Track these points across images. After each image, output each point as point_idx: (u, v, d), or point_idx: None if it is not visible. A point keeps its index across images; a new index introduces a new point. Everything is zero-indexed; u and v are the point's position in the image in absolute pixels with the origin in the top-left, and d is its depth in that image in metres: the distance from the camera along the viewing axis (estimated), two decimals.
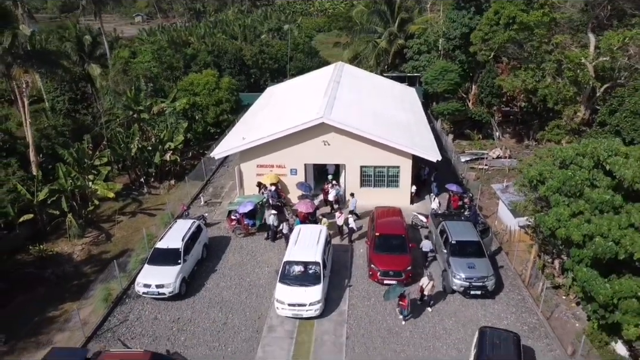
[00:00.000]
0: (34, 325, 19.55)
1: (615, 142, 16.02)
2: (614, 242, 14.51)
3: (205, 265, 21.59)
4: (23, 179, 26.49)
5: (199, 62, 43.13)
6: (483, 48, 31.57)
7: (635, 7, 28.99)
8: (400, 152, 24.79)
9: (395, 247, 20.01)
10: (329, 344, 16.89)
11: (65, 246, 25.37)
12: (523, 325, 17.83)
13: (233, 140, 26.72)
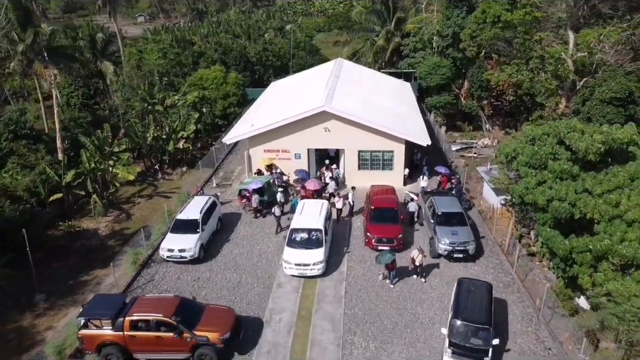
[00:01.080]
0: (69, 287, 22.38)
1: (574, 121, 18.87)
2: (571, 204, 17.34)
3: (219, 236, 24.42)
4: (51, 163, 29.33)
5: (207, 59, 45.97)
6: (471, 44, 34.44)
7: (610, 7, 31.81)
8: (395, 137, 27.63)
9: (388, 218, 22.85)
10: (330, 297, 19.71)
11: (90, 223, 28.18)
12: (499, 282, 20.64)
13: (242, 128, 29.58)
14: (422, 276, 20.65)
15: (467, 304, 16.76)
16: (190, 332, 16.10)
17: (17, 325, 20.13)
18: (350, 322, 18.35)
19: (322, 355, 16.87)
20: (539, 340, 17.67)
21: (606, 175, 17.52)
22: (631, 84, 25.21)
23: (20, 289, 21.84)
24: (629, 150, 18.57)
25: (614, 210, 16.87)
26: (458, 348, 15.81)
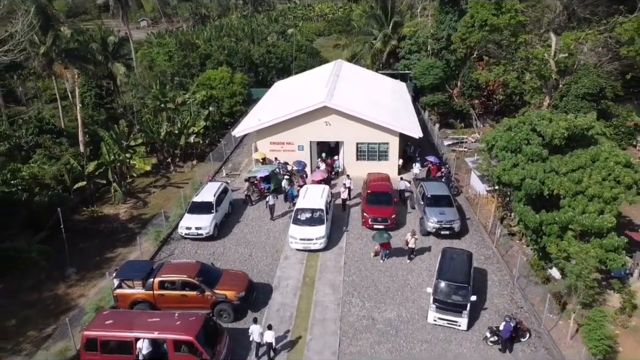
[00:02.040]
0: (96, 262, 25.14)
1: (545, 112, 21.68)
2: (540, 182, 20.15)
3: (231, 218, 27.21)
4: (74, 155, 32.12)
5: (213, 61, 48.88)
6: (461, 47, 37.31)
7: (588, 12, 34.71)
8: (389, 130, 30.47)
9: (382, 201, 25.65)
10: (330, 267, 22.46)
11: (111, 209, 30.94)
12: (480, 255, 23.41)
13: (250, 122, 32.43)
14: (409, 257, 23.14)
15: (449, 267, 19.50)
16: (211, 291, 18.84)
17: (52, 293, 22.85)
18: (348, 287, 21.11)
19: (324, 312, 19.60)
20: (513, 301, 20.42)
21: (571, 157, 20.33)
22: (602, 81, 28.05)
23: (53, 264, 24.55)
24: (591, 136, 21.41)
25: (576, 187, 19.67)
26: (441, 304, 18.52)
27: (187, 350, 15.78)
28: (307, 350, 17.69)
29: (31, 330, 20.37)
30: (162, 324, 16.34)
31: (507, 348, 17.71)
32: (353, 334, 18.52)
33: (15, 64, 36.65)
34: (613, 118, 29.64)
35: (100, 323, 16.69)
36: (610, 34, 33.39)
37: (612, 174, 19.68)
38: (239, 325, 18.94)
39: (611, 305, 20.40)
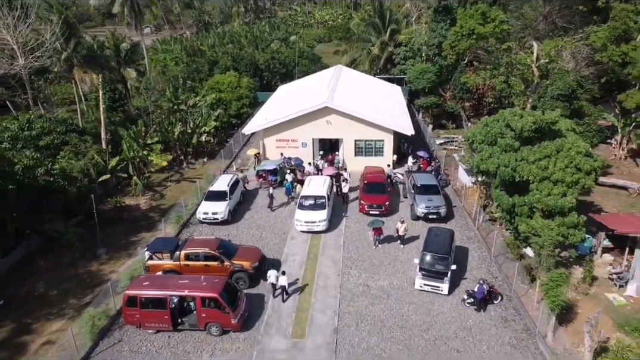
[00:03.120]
0: (123, 245, 28.51)
1: (517, 110, 25.18)
2: (512, 169, 23.61)
3: (242, 206, 30.68)
4: (97, 151, 35.56)
5: (221, 66, 52.51)
6: (451, 53, 40.94)
7: (566, 22, 38.43)
8: (385, 129, 33.99)
9: (377, 190, 29.12)
10: (331, 246, 25.89)
11: (132, 200, 34.35)
12: (464, 236, 26.84)
13: (258, 121, 35.97)
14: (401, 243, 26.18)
15: (433, 242, 22.91)
16: (229, 262, 22.25)
17: (87, 270, 26.20)
18: (347, 261, 24.53)
19: (326, 281, 23.00)
20: (490, 273, 23.82)
21: (538, 148, 23.78)
22: (573, 83, 31.58)
23: (85, 245, 27.93)
24: (558, 130, 24.91)
25: (543, 173, 23.10)
26: (426, 272, 21.91)
27: (212, 306, 19.14)
28: (312, 310, 21.07)
29: (71, 299, 23.71)
30: (190, 285, 19.74)
31: (481, 308, 21.08)
32: (351, 297, 21.91)
33: (44, 68, 40.24)
34: (585, 117, 33.07)
35: (138, 284, 20.10)
36: (585, 41, 37.16)
37: (574, 162, 23.09)
38: (253, 290, 22.32)
39: (575, 277, 23.82)
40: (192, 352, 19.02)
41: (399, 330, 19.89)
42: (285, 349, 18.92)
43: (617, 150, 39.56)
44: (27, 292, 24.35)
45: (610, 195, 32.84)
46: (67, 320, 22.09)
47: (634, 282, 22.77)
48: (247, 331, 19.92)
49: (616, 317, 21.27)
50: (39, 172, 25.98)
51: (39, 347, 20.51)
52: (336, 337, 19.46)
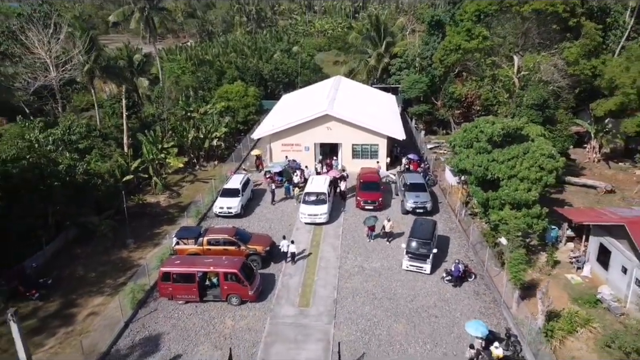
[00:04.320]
0: (148, 236, 32.79)
1: (490, 117, 29.60)
2: (485, 168, 28.01)
3: (252, 202, 35.04)
4: (121, 154, 39.93)
5: (228, 77, 57.06)
6: (440, 66, 45.50)
7: (542, 38, 43.01)
8: (379, 134, 38.43)
9: (372, 188, 33.51)
10: (331, 235, 30.22)
11: (152, 198, 38.65)
12: (446, 227, 31.17)
13: (265, 127, 40.44)
14: (388, 240, 30.12)
15: (418, 230, 27.25)
16: (245, 246, 26.58)
17: (118, 256, 30.44)
18: (345, 247, 28.86)
19: (327, 263, 27.32)
20: (467, 257, 28.12)
21: (508, 150, 28.20)
22: (545, 94, 36.05)
23: (115, 236, 32.17)
24: (526, 134, 29.35)
25: (511, 172, 27.52)
26: (412, 255, 26.21)
27: (233, 279, 23.42)
28: (315, 286, 25.36)
29: (108, 280, 27.95)
30: (214, 263, 24.06)
31: (457, 284, 25.36)
32: (348, 276, 26.22)
33: (72, 79, 44.70)
34: (557, 124, 37.45)
35: (171, 263, 24.42)
36: (560, 56, 41.74)
37: (538, 162, 27.51)
38: (265, 271, 26.62)
39: (541, 261, 28.14)
40: (216, 318, 23.29)
41: (387, 302, 24.17)
42: (293, 315, 23.20)
43: (591, 154, 44.08)
44: (69, 274, 28.59)
45: (580, 193, 37.24)
46: (106, 297, 26.32)
47: (588, 264, 27.10)
48: (261, 302, 24.19)
49: (572, 293, 25.52)
50: (78, 171, 30.31)
51: (85, 317, 24.71)
52: (335, 307, 23.73)
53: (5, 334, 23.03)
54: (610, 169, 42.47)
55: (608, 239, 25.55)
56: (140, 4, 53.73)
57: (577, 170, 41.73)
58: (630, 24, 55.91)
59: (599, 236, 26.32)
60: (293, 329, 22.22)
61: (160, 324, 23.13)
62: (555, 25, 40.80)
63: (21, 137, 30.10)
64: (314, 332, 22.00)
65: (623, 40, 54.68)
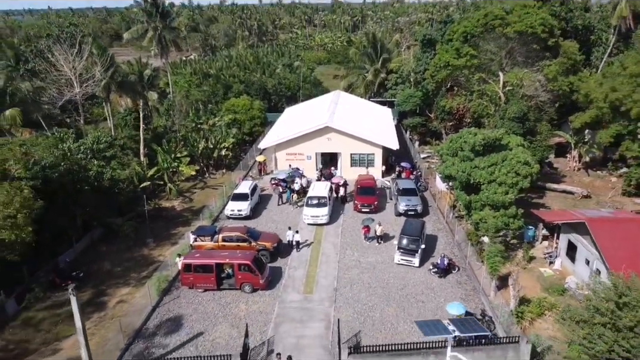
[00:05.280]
0: (166, 236, 36.60)
1: (473, 129, 33.63)
2: (467, 174, 31.94)
3: (260, 206, 38.91)
4: (138, 163, 43.86)
5: (234, 91, 61.25)
6: (431, 81, 49.70)
7: (524, 57, 47.28)
8: (375, 144, 42.44)
9: (368, 192, 37.42)
10: (332, 234, 34.05)
11: (167, 203, 42.52)
12: (435, 227, 35.02)
13: (271, 138, 44.47)
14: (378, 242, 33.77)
15: (408, 228, 31.07)
16: (255, 242, 30.39)
17: (140, 254, 34.20)
18: (344, 245, 32.67)
19: (328, 258, 31.12)
20: (452, 253, 31.92)
21: (488, 158, 32.17)
22: (524, 107, 40.13)
23: (136, 236, 35.93)
24: (507, 144, 33.33)
25: (490, 177, 31.44)
26: (402, 250, 30.00)
27: (246, 270, 27.18)
28: (318, 277, 29.13)
29: (132, 273, 31.69)
30: (230, 256, 27.86)
31: (442, 275, 29.12)
32: (346, 268, 30.00)
33: (93, 94, 48.78)
34: (537, 135, 41.45)
35: (192, 256, 28.22)
36: (541, 73, 45.99)
37: (514, 169, 31.45)
38: (273, 264, 30.39)
39: (518, 256, 31.93)
40: (232, 303, 27.02)
41: (381, 290, 27.93)
42: (298, 300, 26.96)
43: (572, 163, 48.11)
44: (97, 269, 32.33)
45: (559, 198, 41.15)
46: (131, 288, 30.05)
47: (559, 259, 30.93)
48: (271, 290, 27.95)
49: (544, 283, 29.28)
50: (105, 177, 34.21)
51: (115, 304, 28.44)
52: (335, 293, 27.49)
53: (47, 317, 26.98)
54: (589, 176, 46.46)
55: (575, 236, 29.43)
56: (153, 23, 57.97)
57: (558, 178, 45.77)
58: (612, 41, 60.61)
59: (568, 234, 30.20)
60: (299, 312, 25.96)
61: (183, 308, 26.85)
62: (536, 45, 45.03)
63: (55, 146, 33.93)
64: (317, 314, 25.75)
65: (606, 57, 59.27)
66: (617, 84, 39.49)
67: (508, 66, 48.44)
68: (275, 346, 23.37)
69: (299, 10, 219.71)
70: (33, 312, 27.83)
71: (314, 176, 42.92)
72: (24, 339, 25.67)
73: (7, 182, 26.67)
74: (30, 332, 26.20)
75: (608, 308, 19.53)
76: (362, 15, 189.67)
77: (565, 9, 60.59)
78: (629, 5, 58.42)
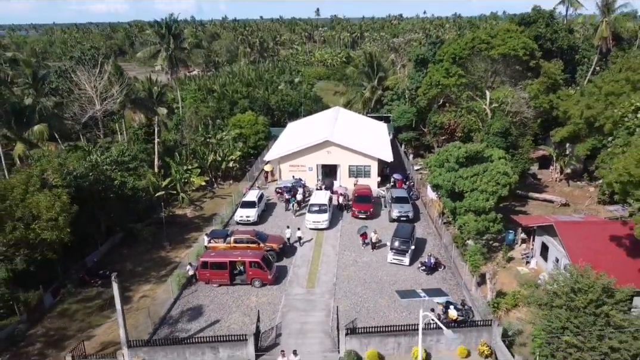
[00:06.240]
0: (180, 240, 40.67)
1: (457, 143, 37.94)
2: (452, 183, 36.16)
3: (266, 213, 43.06)
4: (153, 174, 48.05)
5: (240, 107, 65.76)
6: (423, 99, 54.22)
7: (508, 77, 51.86)
8: (371, 157, 46.75)
9: (364, 200, 41.61)
10: (331, 237, 38.16)
11: (179, 211, 46.64)
12: (425, 232, 39.13)
13: (276, 151, 48.78)
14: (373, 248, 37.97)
15: (400, 231, 35.18)
16: (264, 244, 34.47)
17: (158, 255, 38.22)
18: (342, 247, 36.75)
19: (328, 258, 35.17)
20: (439, 253, 35.97)
21: (471, 168, 36.40)
22: (507, 123, 44.48)
23: (154, 240, 39.95)
24: (489, 156, 37.59)
25: (473, 185, 35.65)
26: (394, 250, 34.07)
27: (256, 267, 31.20)
28: (319, 274, 33.16)
29: (152, 272, 35.70)
30: (242, 254, 31.92)
31: (429, 273, 33.14)
32: (344, 267, 34.04)
33: (112, 111, 53.29)
34: (519, 148, 45.73)
35: (208, 255, 32.29)
36: (524, 91, 50.50)
37: (494, 178, 35.67)
38: (280, 263, 34.40)
39: (498, 257, 35.98)
40: (244, 296, 31.00)
41: (375, 285, 31.94)
42: (302, 293, 30.96)
43: (554, 174, 52.38)
44: (120, 268, 36.24)
45: (540, 206, 45.30)
46: (152, 285, 34.05)
47: (534, 259, 34.99)
48: (278, 285, 31.94)
49: (520, 280, 33.13)
50: (128, 186, 38.39)
51: (139, 299, 32.40)
52: (335, 287, 31.51)
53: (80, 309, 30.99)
54: (570, 186, 50.70)
55: (547, 238, 33.53)
56: (165, 44, 62.65)
57: (540, 188, 50.03)
58: (595, 60, 65.43)
59: (541, 236, 34.30)
60: (302, 302, 29.96)
61: (201, 300, 30.83)
62: (518, 66, 49.63)
63: (84, 158, 38.16)
64: (318, 304, 29.74)
65: (589, 75, 64.01)
66: (592, 101, 43.82)
67: (495, 84, 52.98)
68: (283, 330, 27.33)
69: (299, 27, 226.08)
70: (67, 304, 31.84)
71: (314, 186, 47.09)
72: (62, 327, 29.64)
73: (46, 189, 30.83)
74: (66, 321, 30.18)
75: (564, 292, 23.55)
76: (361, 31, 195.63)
77: (550, 30, 65.54)
78: (609, 27, 63.45)
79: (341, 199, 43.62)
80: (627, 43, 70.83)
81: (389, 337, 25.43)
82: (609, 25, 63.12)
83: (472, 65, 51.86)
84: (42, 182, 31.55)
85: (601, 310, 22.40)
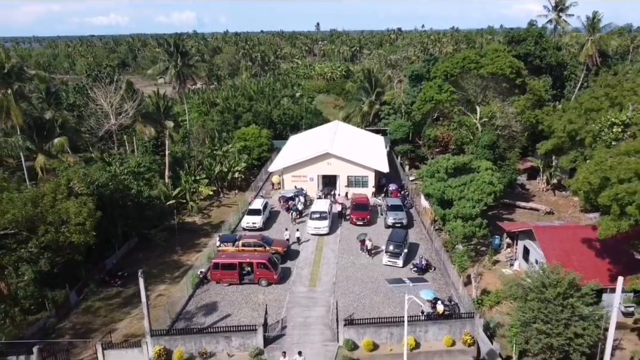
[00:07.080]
0: (190, 245, 44.14)
1: (447, 155, 41.63)
2: (442, 192, 39.76)
3: (270, 220, 46.58)
4: (164, 183, 51.65)
5: (244, 120, 69.58)
6: (418, 113, 58.05)
7: (498, 93, 55.76)
8: (368, 168, 50.41)
9: (362, 208, 45.18)
10: (331, 242, 41.65)
11: (189, 219, 50.17)
12: (417, 237, 42.63)
13: (279, 162, 52.48)
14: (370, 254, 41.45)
15: (394, 236, 38.70)
16: (269, 247, 37.96)
17: (171, 259, 41.69)
18: (341, 251, 40.25)
19: (328, 260, 38.64)
20: (430, 257, 39.46)
21: (459, 178, 40.03)
22: (494, 137, 48.22)
23: (167, 244, 43.40)
24: (477, 167, 41.23)
25: (461, 194, 39.26)
26: (389, 253, 37.54)
27: (263, 267, 34.67)
28: (320, 275, 36.62)
29: (166, 274, 39.15)
30: (250, 256, 35.40)
31: (421, 274, 36.59)
32: (343, 268, 37.50)
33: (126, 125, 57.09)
34: (506, 160, 49.43)
35: (219, 256, 35.78)
36: (511, 107, 54.38)
37: (480, 187, 39.29)
38: (284, 265, 37.85)
39: (485, 260, 39.46)
40: (252, 294, 34.41)
41: (371, 284, 35.37)
42: (305, 292, 34.39)
43: (541, 185, 56.03)
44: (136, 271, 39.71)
45: (527, 214, 48.88)
46: (167, 285, 37.48)
47: (517, 261, 38.48)
48: (282, 284, 35.37)
49: (504, 281, 36.69)
50: (144, 195, 41.97)
51: (156, 297, 35.80)
52: (334, 287, 34.94)
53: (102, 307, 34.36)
54: (555, 196, 54.34)
55: (528, 242, 37.06)
56: (174, 62, 66.50)
57: (528, 197, 53.66)
58: (582, 76, 69.53)
59: (523, 240, 37.83)
60: (305, 299, 33.40)
61: (213, 297, 34.23)
62: (506, 83, 53.56)
63: (104, 169, 41.79)
64: (320, 301, 33.17)
65: (577, 90, 68.05)
66: (574, 117, 47.65)
67: (485, 99, 56.87)
68: (288, 323, 30.73)
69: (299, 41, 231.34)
70: (90, 302, 35.24)
71: (315, 195, 50.71)
72: (87, 322, 33.03)
73: (72, 197, 34.37)
74: (90, 317, 33.57)
75: (536, 286, 27.02)
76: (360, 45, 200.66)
77: (539, 48, 69.77)
78: (594, 45, 67.66)
79: (339, 207, 47.16)
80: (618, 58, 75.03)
81: (382, 328, 28.83)
82: (594, 43, 67.34)
83: (463, 82, 55.75)
84: (69, 190, 35.11)
85: (568, 302, 25.86)
